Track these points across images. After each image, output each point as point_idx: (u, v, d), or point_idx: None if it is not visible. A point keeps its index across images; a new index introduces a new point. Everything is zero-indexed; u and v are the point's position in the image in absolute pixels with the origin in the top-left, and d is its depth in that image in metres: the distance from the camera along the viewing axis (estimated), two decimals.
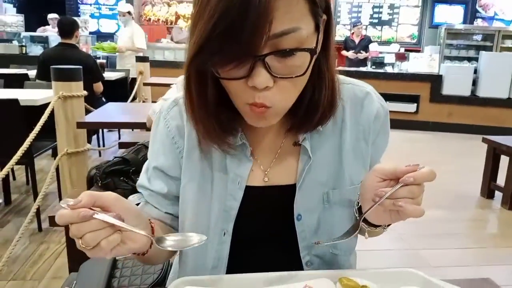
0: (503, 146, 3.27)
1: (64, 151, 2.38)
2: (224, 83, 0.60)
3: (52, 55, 3.66)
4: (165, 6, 6.71)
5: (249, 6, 0.49)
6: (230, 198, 0.73)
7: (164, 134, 0.76)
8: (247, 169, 0.72)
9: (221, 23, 0.50)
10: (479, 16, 8.28)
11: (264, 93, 0.57)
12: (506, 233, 2.96)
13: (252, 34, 0.50)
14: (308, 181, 0.73)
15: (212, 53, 0.53)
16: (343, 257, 0.79)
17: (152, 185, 0.77)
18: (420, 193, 0.60)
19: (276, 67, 0.55)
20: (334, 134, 0.74)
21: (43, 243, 2.34)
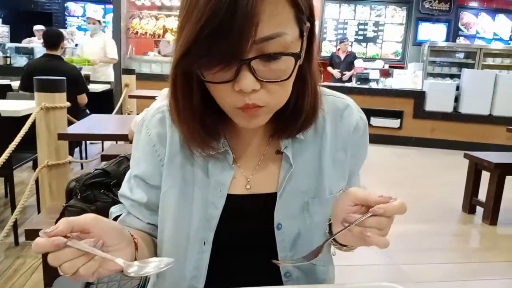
0: (484, 162, 3.32)
1: (44, 163, 2.34)
2: (211, 89, 0.61)
3: (37, 66, 3.63)
4: (152, 19, 6.74)
5: (236, 9, 0.50)
6: (212, 206, 0.72)
7: (146, 142, 0.76)
8: (229, 176, 0.72)
9: (209, 25, 0.51)
10: (461, 34, 8.49)
11: (253, 95, 0.58)
12: (488, 248, 2.99)
13: (238, 36, 0.51)
14: (289, 190, 0.73)
15: (199, 54, 0.54)
16: (321, 268, 0.79)
17: (133, 194, 0.77)
18: (388, 225, 0.61)
19: (261, 71, 0.56)
20: (315, 143, 0.75)
21: (20, 257, 2.28)
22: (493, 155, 3.48)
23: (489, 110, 6.09)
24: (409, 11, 8.12)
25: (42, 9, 10.28)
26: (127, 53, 6.64)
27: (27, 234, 1.51)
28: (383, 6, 8.19)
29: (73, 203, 1.46)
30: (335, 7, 8.25)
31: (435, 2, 8.02)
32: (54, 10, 10.29)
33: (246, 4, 0.51)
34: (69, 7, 10.30)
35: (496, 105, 6.05)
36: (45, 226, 1.46)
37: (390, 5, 8.18)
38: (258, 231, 0.74)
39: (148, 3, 6.67)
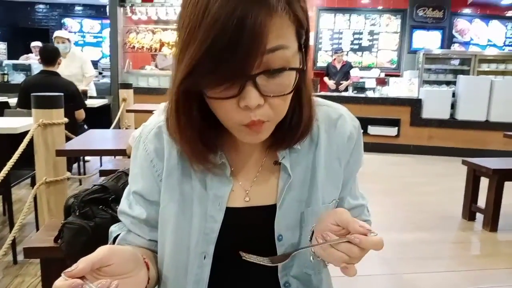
0: (482, 168, 3.32)
1: (42, 179, 2.34)
2: (213, 106, 0.61)
3: (34, 82, 3.64)
4: (149, 33, 6.78)
5: (244, 28, 0.51)
6: (211, 220, 0.72)
7: (143, 158, 0.76)
8: (228, 189, 0.73)
9: (216, 45, 0.52)
10: (455, 41, 8.56)
11: (258, 111, 0.59)
12: (489, 255, 2.98)
13: (246, 54, 0.52)
14: (288, 200, 0.73)
15: (205, 73, 0.54)
16: (316, 276, 0.79)
17: (133, 210, 0.77)
18: (359, 256, 0.62)
19: (265, 86, 0.57)
20: (310, 153, 0.76)
21: (18, 276, 2.27)
22: (491, 161, 3.49)
23: (485, 116, 6.12)
24: (403, 20, 8.19)
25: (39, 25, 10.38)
26: (124, 67, 6.67)
27: (26, 252, 1.50)
28: (377, 15, 8.27)
29: (72, 219, 1.45)
30: (330, 17, 8.32)
31: (428, 10, 8.10)
32: (51, 26, 10.39)
33: (254, 22, 0.51)
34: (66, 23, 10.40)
35: (493, 111, 6.08)
36: (44, 243, 1.45)
37: (384, 14, 8.26)
38: (258, 243, 0.74)
39: (145, 18, 6.71)
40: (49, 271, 1.55)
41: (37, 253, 1.55)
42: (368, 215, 0.89)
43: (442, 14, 8.14)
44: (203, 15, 0.53)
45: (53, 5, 10.34)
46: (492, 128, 6.02)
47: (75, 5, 10.40)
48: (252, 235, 0.75)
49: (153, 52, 6.83)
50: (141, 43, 6.72)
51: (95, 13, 10.44)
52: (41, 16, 10.41)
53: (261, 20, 0.52)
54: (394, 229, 3.22)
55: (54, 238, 1.48)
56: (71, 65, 4.92)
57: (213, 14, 0.52)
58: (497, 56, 7.36)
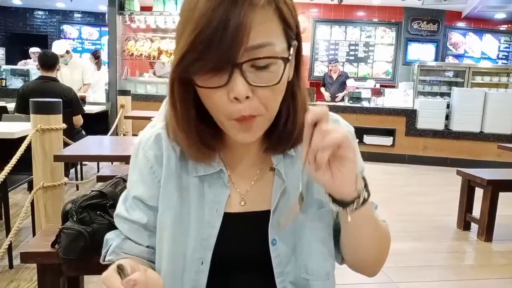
0: (477, 179, 3.35)
1: (40, 184, 2.34)
2: (205, 100, 0.63)
3: (33, 88, 3.65)
4: (147, 41, 6.81)
5: (229, 19, 0.55)
6: (208, 226, 0.73)
7: (143, 164, 0.77)
8: (225, 195, 0.74)
9: (203, 33, 0.56)
10: (450, 54, 8.67)
11: (247, 104, 0.60)
12: (483, 264, 2.99)
13: (231, 44, 0.55)
14: (282, 206, 0.74)
15: (194, 60, 0.57)
16: (316, 283, 0.77)
17: (131, 215, 0.77)
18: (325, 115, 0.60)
19: (253, 76, 0.59)
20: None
21: (14, 281, 2.26)
22: (485, 171, 3.52)
23: (479, 127, 6.18)
24: (398, 32, 8.30)
25: (38, 31, 10.39)
26: (123, 74, 6.69)
27: (22, 257, 1.49)
28: (372, 28, 8.37)
29: (69, 225, 1.45)
30: (326, 28, 8.41)
31: (423, 23, 8.21)
32: (49, 32, 10.40)
33: (238, 14, 0.55)
34: (64, 30, 10.43)
35: (487, 123, 6.14)
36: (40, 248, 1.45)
37: (379, 26, 8.36)
38: (254, 248, 0.75)
39: (143, 26, 6.75)
40: (46, 276, 1.54)
41: (33, 258, 1.55)
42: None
43: (437, 27, 8.26)
44: (193, 11, 0.58)
45: (52, 12, 10.36)
46: (486, 139, 6.08)
47: (74, 12, 10.43)
48: (248, 240, 0.75)
49: (151, 60, 6.86)
50: (140, 51, 6.75)
51: (94, 20, 10.48)
52: (40, 22, 10.43)
53: (244, 13, 0.56)
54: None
55: (51, 243, 1.48)
56: (71, 73, 5.05)
57: (200, 8, 0.57)
58: (490, 69, 7.45)
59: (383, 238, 0.79)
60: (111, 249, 0.78)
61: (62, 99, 2.53)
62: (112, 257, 0.77)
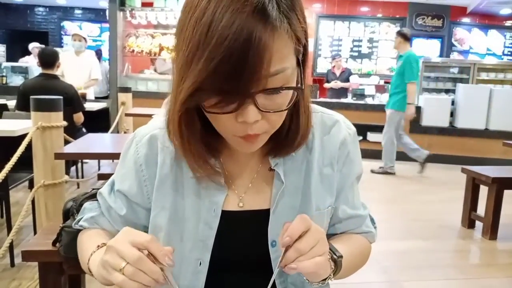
0: (482, 176, 3.32)
1: (40, 182, 2.32)
2: (211, 119, 0.62)
3: (33, 85, 3.63)
4: (148, 37, 6.78)
5: (250, 49, 0.52)
6: (206, 227, 0.72)
7: (133, 160, 0.77)
8: (222, 196, 0.73)
9: (222, 66, 0.52)
10: (454, 50, 8.61)
11: (254, 126, 0.60)
12: (488, 263, 2.97)
13: (251, 77, 0.53)
14: (281, 206, 0.73)
15: (210, 93, 0.55)
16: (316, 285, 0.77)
17: (112, 201, 0.79)
18: (308, 245, 0.59)
19: (263, 103, 0.58)
20: (304, 160, 0.76)
21: (15, 279, 2.24)
22: (490, 169, 3.48)
23: (485, 124, 6.13)
24: (403, 28, 8.24)
25: (39, 28, 10.38)
26: (123, 71, 6.67)
27: (24, 256, 1.48)
28: (376, 23, 8.31)
29: (70, 223, 1.43)
30: (329, 24, 8.36)
31: (428, 19, 8.16)
32: (50, 29, 10.39)
33: (258, 44, 0.52)
34: (65, 26, 10.41)
35: (492, 119, 6.09)
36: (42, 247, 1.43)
37: (383, 22, 8.31)
38: (253, 249, 0.74)
39: (144, 22, 6.72)
40: (47, 274, 1.53)
41: (35, 257, 1.54)
42: (372, 227, 0.87)
43: (441, 23, 8.20)
44: (206, 33, 0.53)
45: (53, 8, 10.34)
46: (491, 137, 6.03)
47: (74, 8, 10.41)
48: (246, 241, 0.75)
49: (153, 56, 6.83)
50: (141, 47, 6.72)
51: (94, 16, 10.45)
52: (40, 19, 10.42)
53: (264, 42, 0.52)
54: (393, 237, 3.21)
55: (52, 242, 1.47)
56: (82, 66, 5.00)
57: (219, 34, 0.52)
58: (496, 65, 7.39)
59: (361, 260, 0.83)
60: (86, 217, 0.81)
61: (62, 96, 2.50)
62: (85, 224, 0.81)
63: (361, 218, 0.84)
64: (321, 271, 0.61)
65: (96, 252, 0.70)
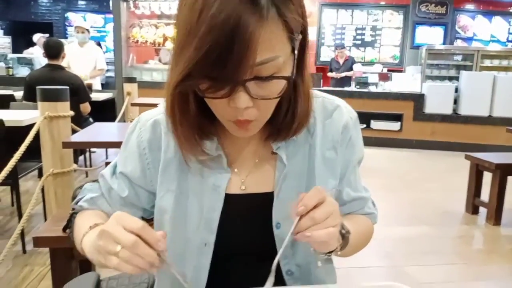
0: (485, 163, 3.34)
1: (49, 171, 2.36)
2: (208, 102, 0.64)
3: (39, 76, 3.66)
4: (152, 28, 6.78)
5: (235, 39, 0.53)
6: (210, 210, 0.74)
7: (136, 144, 0.78)
8: (226, 179, 0.75)
9: (210, 53, 0.54)
10: (458, 37, 8.54)
11: (245, 112, 0.61)
12: (491, 249, 3.00)
13: (238, 64, 0.54)
14: (285, 189, 0.75)
15: (199, 78, 0.57)
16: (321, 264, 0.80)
17: (114, 183, 0.80)
18: (323, 216, 0.60)
19: (255, 90, 0.59)
20: (306, 144, 0.78)
21: (27, 265, 2.30)
22: (494, 155, 3.49)
23: (488, 111, 6.12)
24: (406, 15, 8.17)
25: (43, 19, 10.37)
26: (128, 62, 6.68)
27: (35, 242, 1.52)
28: (380, 11, 8.24)
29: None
30: (332, 12, 8.30)
31: (431, 6, 8.07)
32: (54, 20, 10.38)
33: (244, 34, 0.53)
34: (69, 17, 10.39)
35: (496, 106, 6.07)
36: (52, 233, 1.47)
37: (387, 9, 8.24)
38: (257, 231, 0.76)
39: (148, 12, 6.71)
40: (58, 260, 1.57)
41: (46, 243, 1.58)
42: (374, 208, 0.90)
43: (445, 10, 8.11)
44: (197, 21, 0.54)
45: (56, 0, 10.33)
46: (495, 123, 6.02)
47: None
48: (250, 223, 0.76)
49: (157, 47, 6.83)
50: (145, 38, 6.73)
51: (98, 7, 10.43)
52: (44, 10, 10.40)
53: (251, 30, 0.53)
54: (397, 224, 3.24)
55: (63, 228, 1.50)
56: (86, 56, 5.05)
57: (208, 22, 0.53)
58: (500, 52, 7.33)
59: (365, 239, 0.84)
60: (86, 198, 0.82)
61: (68, 86, 2.53)
62: (85, 205, 0.81)
63: (364, 200, 0.86)
64: (332, 241, 0.62)
65: (88, 233, 0.69)
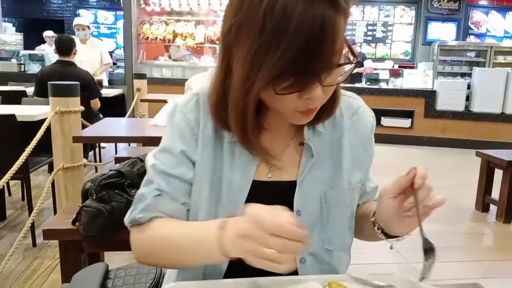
0: (496, 160, 3.29)
1: (60, 166, 2.39)
2: (272, 98, 0.65)
3: (50, 72, 3.70)
4: (162, 24, 6.79)
5: (323, 34, 0.57)
6: (237, 191, 0.76)
7: (183, 125, 0.78)
8: (255, 164, 0.77)
9: (301, 51, 0.57)
10: (471, 33, 8.43)
11: (318, 99, 0.65)
12: (502, 246, 2.96)
13: (324, 58, 0.59)
14: (308, 179, 0.78)
15: (287, 76, 0.60)
16: (338, 253, 0.82)
17: (174, 170, 0.77)
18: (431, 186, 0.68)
19: (326, 79, 0.63)
20: (333, 137, 0.81)
21: (37, 258, 2.33)
22: (505, 152, 3.44)
23: (501, 108, 6.03)
24: (418, 11, 8.08)
25: (54, 16, 10.48)
26: (138, 58, 6.71)
27: (45, 234, 1.54)
28: (391, 6, 8.17)
29: (89, 203, 1.49)
30: None
31: (444, 1, 7.98)
32: (66, 17, 10.48)
33: (330, 30, 0.57)
34: (80, 14, 10.47)
35: (509, 103, 5.98)
36: (62, 226, 1.49)
37: (398, 5, 8.16)
38: None
39: (158, 9, 6.72)
40: (67, 253, 1.59)
41: (55, 235, 1.59)
42: None
43: (458, 6, 8.02)
44: (282, 21, 0.56)
45: None
46: (507, 120, 5.94)
47: None
48: None
49: (167, 43, 6.85)
50: (155, 34, 6.74)
51: (109, 4, 10.50)
52: (56, 7, 10.51)
53: (335, 27, 0.58)
54: None
55: (72, 221, 1.52)
56: (91, 52, 5.06)
57: (296, 21, 0.56)
58: None
59: None
60: (142, 207, 0.76)
61: (79, 82, 2.56)
62: (143, 216, 0.76)
63: (376, 189, 0.93)
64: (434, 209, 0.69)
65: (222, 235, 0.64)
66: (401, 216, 0.71)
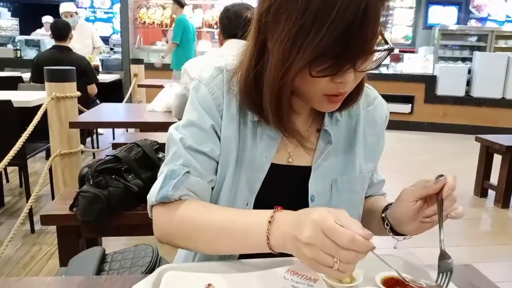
0: (495, 145, 3.28)
1: (57, 152, 2.38)
2: (306, 81, 0.64)
3: (47, 57, 3.66)
4: (159, 9, 6.71)
5: (366, 19, 0.57)
6: (257, 171, 0.77)
7: (209, 100, 0.76)
8: (275, 146, 0.77)
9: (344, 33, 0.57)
10: (472, 17, 8.32)
11: (349, 84, 0.65)
12: (499, 231, 2.97)
13: (365, 42, 0.59)
14: (323, 166, 0.79)
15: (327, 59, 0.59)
16: None
17: (203, 146, 0.75)
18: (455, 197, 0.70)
19: (361, 64, 0.63)
20: (349, 125, 0.82)
21: (36, 244, 2.34)
22: (504, 138, 3.43)
23: (501, 93, 6.00)
24: None
25: (50, 1, 10.32)
26: (135, 43, 6.65)
27: (43, 220, 1.53)
28: None
29: (86, 188, 1.49)
30: None
31: None
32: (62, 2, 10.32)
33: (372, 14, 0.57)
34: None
35: (509, 88, 5.95)
36: (60, 211, 1.48)
37: None
38: (293, 201, 0.76)
39: None
40: (65, 238, 1.59)
41: (53, 221, 1.59)
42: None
43: None
44: (326, 1, 0.56)
45: None
46: (508, 106, 5.92)
47: None
48: (289, 193, 0.80)
49: (164, 28, 6.78)
50: (152, 19, 6.67)
51: None
52: None
53: (375, 9, 0.58)
54: None
55: (70, 206, 1.52)
56: (82, 37, 5.00)
57: (340, 4, 0.56)
58: None
59: None
60: (174, 184, 0.73)
61: (75, 68, 2.53)
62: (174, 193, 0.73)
63: (383, 182, 0.95)
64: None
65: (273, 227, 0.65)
66: (418, 220, 0.73)
